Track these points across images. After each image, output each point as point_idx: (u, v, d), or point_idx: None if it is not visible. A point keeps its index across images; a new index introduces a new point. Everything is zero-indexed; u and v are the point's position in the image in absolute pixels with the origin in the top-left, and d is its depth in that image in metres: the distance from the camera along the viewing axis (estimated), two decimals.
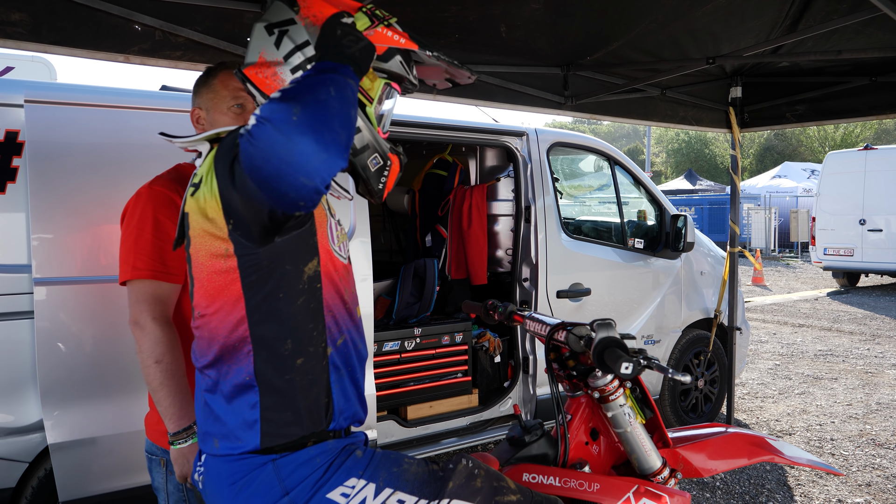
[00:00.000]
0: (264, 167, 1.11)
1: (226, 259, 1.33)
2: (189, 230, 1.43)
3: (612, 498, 1.71)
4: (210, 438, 1.41)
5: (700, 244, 5.24)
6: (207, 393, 1.42)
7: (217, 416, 1.39)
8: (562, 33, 3.51)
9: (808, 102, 4.66)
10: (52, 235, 2.64)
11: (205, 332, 1.41)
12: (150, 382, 1.77)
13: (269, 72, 1.38)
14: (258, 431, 1.35)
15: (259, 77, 1.38)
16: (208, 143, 1.47)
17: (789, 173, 26.04)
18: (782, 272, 16.87)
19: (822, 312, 10.69)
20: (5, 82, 2.94)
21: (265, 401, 1.35)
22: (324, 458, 1.37)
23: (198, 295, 1.42)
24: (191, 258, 1.44)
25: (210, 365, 1.40)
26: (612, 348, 1.62)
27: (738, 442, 2.03)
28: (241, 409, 1.36)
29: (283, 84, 1.39)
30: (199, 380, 1.46)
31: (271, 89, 1.38)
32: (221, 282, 1.35)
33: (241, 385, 1.36)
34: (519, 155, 4.27)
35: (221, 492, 1.38)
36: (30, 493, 2.72)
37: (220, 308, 1.36)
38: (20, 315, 2.66)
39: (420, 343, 4.06)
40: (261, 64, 1.38)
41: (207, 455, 1.43)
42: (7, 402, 2.66)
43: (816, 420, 5.35)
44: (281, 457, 1.35)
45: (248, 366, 1.35)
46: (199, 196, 1.37)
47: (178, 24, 2.73)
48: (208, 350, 1.40)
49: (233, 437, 1.36)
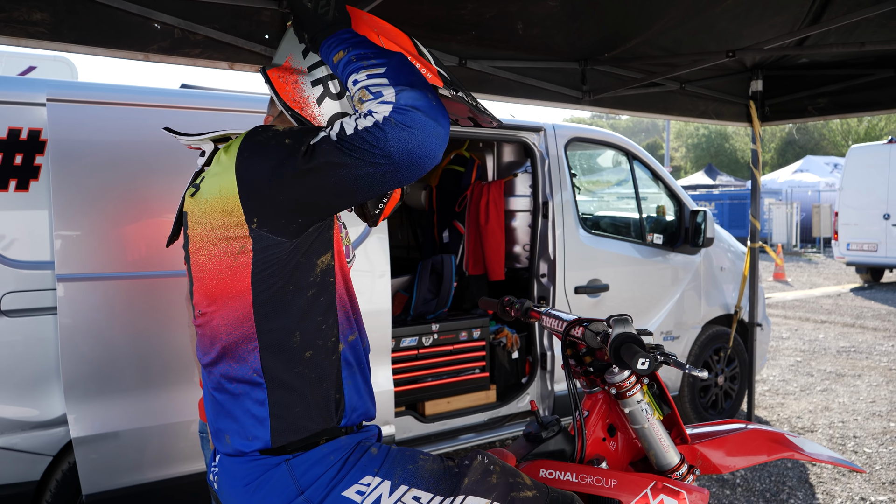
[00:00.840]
0: (418, 150, 1.18)
1: (237, 256, 1.32)
2: (188, 229, 1.43)
3: (629, 494, 1.70)
4: (222, 435, 1.42)
5: (720, 239, 5.19)
6: (215, 390, 1.42)
7: (228, 413, 1.40)
8: (579, 31, 3.49)
9: (831, 95, 4.58)
10: (74, 232, 2.68)
11: (207, 329, 1.41)
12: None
13: (291, 79, 1.39)
14: (268, 427, 1.35)
15: (280, 82, 1.39)
16: (212, 143, 1.47)
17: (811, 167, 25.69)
18: (804, 268, 16.66)
19: (844, 308, 10.55)
20: (28, 81, 2.99)
21: (273, 396, 1.35)
22: (337, 456, 1.37)
23: (199, 293, 1.42)
24: (190, 257, 1.44)
25: (214, 362, 1.40)
26: (628, 344, 1.61)
27: (757, 438, 2.01)
28: (250, 406, 1.36)
29: (301, 94, 1.39)
30: (206, 377, 1.46)
31: (288, 97, 1.39)
32: (227, 279, 1.34)
33: (247, 381, 1.36)
34: (536, 150, 4.26)
35: (236, 492, 1.38)
36: (54, 486, 2.77)
37: (224, 305, 1.36)
38: (44, 311, 2.70)
39: (437, 339, 4.06)
40: (285, 68, 1.40)
41: (222, 454, 1.44)
42: (31, 396, 2.70)
43: (839, 417, 5.29)
44: (294, 456, 1.35)
45: (255, 362, 1.35)
46: (205, 197, 1.36)
47: (196, 21, 2.75)
48: (211, 347, 1.40)
49: (244, 433, 1.37)
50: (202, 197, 1.38)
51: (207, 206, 1.36)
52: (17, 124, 2.70)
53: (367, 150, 1.18)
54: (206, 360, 1.43)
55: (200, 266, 1.39)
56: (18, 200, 2.71)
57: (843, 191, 13.82)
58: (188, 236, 1.44)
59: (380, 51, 1.29)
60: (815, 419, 5.25)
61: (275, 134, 1.29)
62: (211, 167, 1.41)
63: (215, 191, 1.34)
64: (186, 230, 1.45)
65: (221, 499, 1.44)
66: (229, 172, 1.32)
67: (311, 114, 1.39)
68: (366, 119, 1.19)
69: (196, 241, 1.40)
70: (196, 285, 1.42)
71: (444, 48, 3.45)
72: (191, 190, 1.45)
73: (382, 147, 1.17)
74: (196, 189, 1.41)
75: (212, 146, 1.46)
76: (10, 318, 2.65)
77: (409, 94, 1.20)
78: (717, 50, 3.69)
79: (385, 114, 1.18)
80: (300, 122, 1.41)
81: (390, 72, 1.24)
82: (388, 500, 1.37)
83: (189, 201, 1.44)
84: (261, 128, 1.33)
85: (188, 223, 1.43)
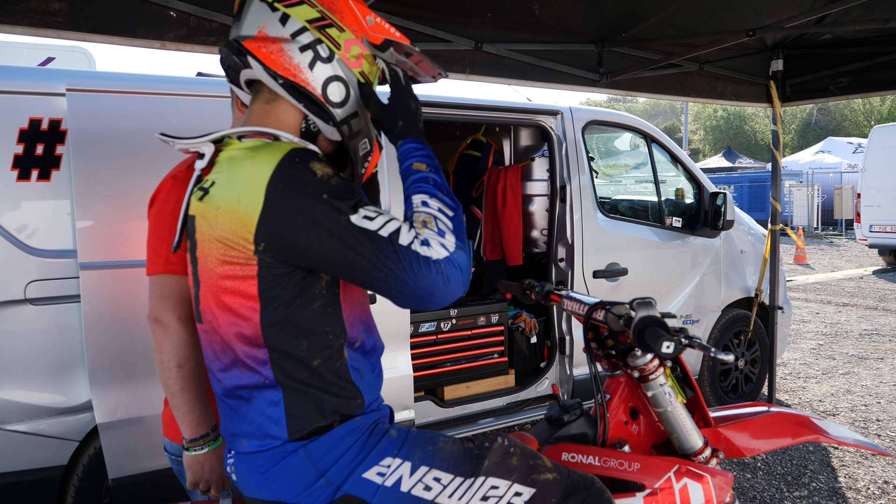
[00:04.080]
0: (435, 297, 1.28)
1: (243, 266, 1.30)
2: (196, 233, 1.40)
3: (652, 477, 1.69)
4: (238, 439, 1.41)
5: (740, 222, 5.14)
6: (227, 397, 1.41)
7: (242, 417, 1.38)
8: (596, 10, 3.44)
9: (853, 74, 4.49)
10: (95, 221, 2.71)
11: (216, 336, 1.38)
12: (170, 386, 1.67)
13: (275, 47, 1.37)
14: (285, 427, 1.34)
15: (263, 52, 1.37)
16: (212, 145, 1.43)
17: (833, 149, 25.31)
18: (825, 250, 16.46)
19: (867, 291, 10.41)
20: (47, 72, 3.00)
21: (288, 397, 1.34)
22: (354, 437, 1.37)
23: (205, 298, 1.39)
24: (197, 261, 1.41)
25: (226, 369, 1.38)
26: (652, 327, 1.59)
27: (781, 421, 1.99)
28: (265, 408, 1.35)
29: (291, 61, 1.38)
30: (216, 383, 1.44)
31: (277, 65, 1.36)
32: (235, 286, 1.32)
33: (260, 386, 1.35)
34: (553, 134, 4.23)
35: (254, 481, 1.38)
36: (80, 471, 2.82)
37: (233, 312, 1.33)
38: (68, 299, 2.74)
39: (456, 324, 4.07)
40: (262, 38, 1.38)
41: (237, 452, 1.43)
42: (57, 383, 2.75)
43: (861, 400, 5.23)
44: (311, 441, 1.35)
45: (266, 368, 1.33)
46: (217, 203, 1.33)
47: (211, 9, 2.76)
48: (223, 355, 1.38)
49: (260, 434, 1.36)
50: (213, 202, 1.34)
51: (220, 213, 1.32)
52: (38, 114, 2.72)
53: (405, 268, 1.24)
54: (216, 366, 1.41)
55: (209, 272, 1.36)
56: (41, 190, 2.74)
57: (865, 172, 13.61)
58: (195, 241, 1.40)
59: (450, 191, 1.41)
60: (838, 402, 5.21)
61: (314, 179, 1.26)
62: (218, 170, 1.38)
63: (232, 200, 1.30)
64: (193, 234, 1.41)
65: (240, 488, 1.43)
66: (256, 190, 1.26)
67: (304, 80, 1.37)
68: (422, 247, 1.26)
69: (205, 245, 1.37)
70: (203, 289, 1.40)
71: (459, 32, 3.42)
72: (197, 193, 1.40)
73: (417, 276, 1.24)
74: (204, 192, 1.38)
75: (212, 148, 1.42)
76: (35, 307, 2.69)
77: (463, 255, 1.31)
78: (736, 28, 3.63)
79: (439, 257, 1.27)
80: (294, 89, 1.38)
81: (458, 221, 1.36)
82: (409, 480, 1.37)
83: (196, 204, 1.40)
84: (298, 158, 1.28)
85: (196, 227, 1.40)
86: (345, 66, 1.41)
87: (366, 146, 1.50)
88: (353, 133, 1.45)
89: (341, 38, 1.40)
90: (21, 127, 2.70)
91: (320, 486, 1.34)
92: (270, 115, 1.43)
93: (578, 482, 1.54)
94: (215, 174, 1.38)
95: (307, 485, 1.34)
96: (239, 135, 1.41)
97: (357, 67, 1.43)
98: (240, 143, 1.39)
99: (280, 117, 1.43)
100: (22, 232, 2.70)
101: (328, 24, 1.39)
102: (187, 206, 1.45)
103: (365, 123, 1.48)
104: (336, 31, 1.40)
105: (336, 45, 1.40)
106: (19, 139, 2.69)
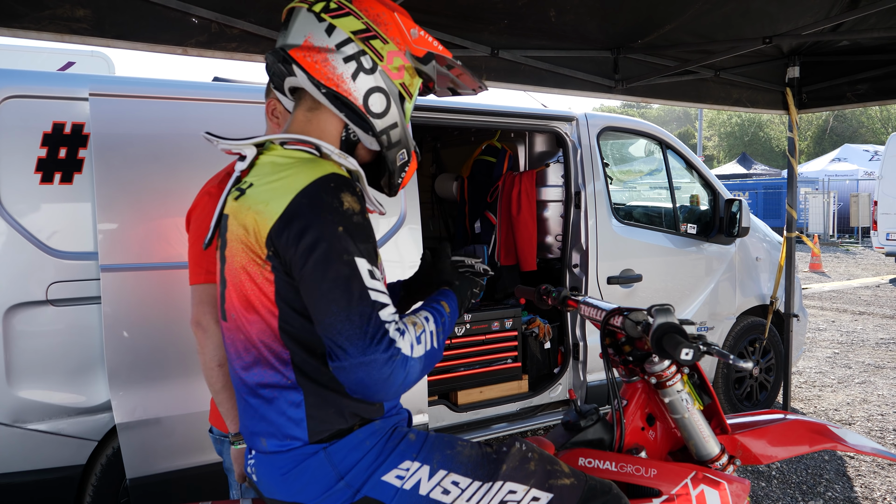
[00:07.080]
0: (378, 388, 1.24)
1: (263, 268, 1.33)
2: (227, 233, 1.42)
3: (669, 484, 1.69)
4: (257, 438, 1.42)
5: (755, 229, 5.11)
6: (249, 395, 1.42)
7: (262, 416, 1.39)
8: (612, 17, 3.45)
9: (871, 81, 4.46)
10: (116, 224, 2.74)
11: (240, 335, 1.40)
12: (213, 384, 1.83)
13: (320, 57, 1.39)
14: (305, 428, 1.35)
15: (308, 61, 1.39)
16: (255, 147, 1.45)
17: (850, 156, 25.10)
18: (841, 258, 16.31)
19: (884, 300, 10.31)
20: (71, 77, 3.05)
21: (309, 399, 1.35)
22: (373, 440, 1.38)
23: (231, 297, 1.41)
24: (225, 260, 1.43)
25: (248, 367, 1.40)
26: (671, 334, 1.60)
27: (798, 429, 1.98)
28: (286, 409, 1.36)
29: (334, 71, 1.40)
30: (238, 382, 1.45)
31: (321, 75, 1.39)
32: (257, 288, 1.34)
33: (282, 387, 1.36)
34: (568, 140, 4.23)
35: (275, 482, 1.39)
36: (99, 470, 2.85)
37: (256, 312, 1.35)
38: (88, 300, 2.78)
39: (470, 329, 4.07)
40: (307, 48, 1.40)
41: (256, 451, 1.45)
42: (77, 383, 2.78)
43: (878, 410, 5.19)
44: (331, 444, 1.36)
45: (287, 369, 1.35)
46: (249, 203, 1.35)
47: (233, 16, 2.79)
48: (245, 354, 1.40)
49: (280, 434, 1.37)
50: (247, 203, 1.36)
51: (250, 213, 1.34)
52: (61, 118, 2.76)
53: (363, 334, 1.22)
54: (239, 364, 1.43)
55: (234, 271, 1.39)
56: (63, 193, 2.78)
57: (882, 179, 13.48)
58: (226, 240, 1.43)
59: (444, 339, 1.42)
60: (853, 412, 5.16)
61: (338, 209, 1.27)
62: (258, 173, 1.40)
63: (262, 203, 1.32)
64: (225, 233, 1.44)
65: (260, 488, 1.45)
66: (284, 199, 1.29)
67: (346, 90, 1.40)
68: (395, 332, 1.25)
69: (233, 245, 1.39)
70: (229, 288, 1.42)
71: (476, 38, 3.45)
72: (234, 193, 1.43)
73: (368, 349, 1.21)
74: (241, 193, 1.40)
75: (254, 150, 1.45)
76: (56, 308, 2.73)
77: (418, 372, 1.29)
78: (752, 35, 3.62)
79: (401, 349, 1.24)
80: (336, 99, 1.41)
81: (433, 357, 1.35)
82: (428, 484, 1.39)
83: (232, 204, 1.42)
84: (334, 184, 1.30)
85: (228, 226, 1.42)
86: (387, 77, 1.43)
87: (403, 156, 1.52)
88: (391, 143, 1.47)
89: (384, 50, 1.42)
90: (45, 130, 2.74)
91: (340, 488, 1.35)
92: (312, 123, 1.46)
93: (596, 488, 1.55)
94: (254, 176, 1.41)
95: (327, 487, 1.35)
96: (281, 141, 1.43)
97: (398, 79, 1.45)
98: (281, 150, 1.42)
99: (322, 125, 1.46)
100: (44, 234, 2.74)
101: (372, 35, 1.42)
102: (223, 205, 1.48)
103: (403, 134, 1.49)
104: (380, 43, 1.42)
105: (379, 57, 1.42)
106: (43, 143, 2.74)
